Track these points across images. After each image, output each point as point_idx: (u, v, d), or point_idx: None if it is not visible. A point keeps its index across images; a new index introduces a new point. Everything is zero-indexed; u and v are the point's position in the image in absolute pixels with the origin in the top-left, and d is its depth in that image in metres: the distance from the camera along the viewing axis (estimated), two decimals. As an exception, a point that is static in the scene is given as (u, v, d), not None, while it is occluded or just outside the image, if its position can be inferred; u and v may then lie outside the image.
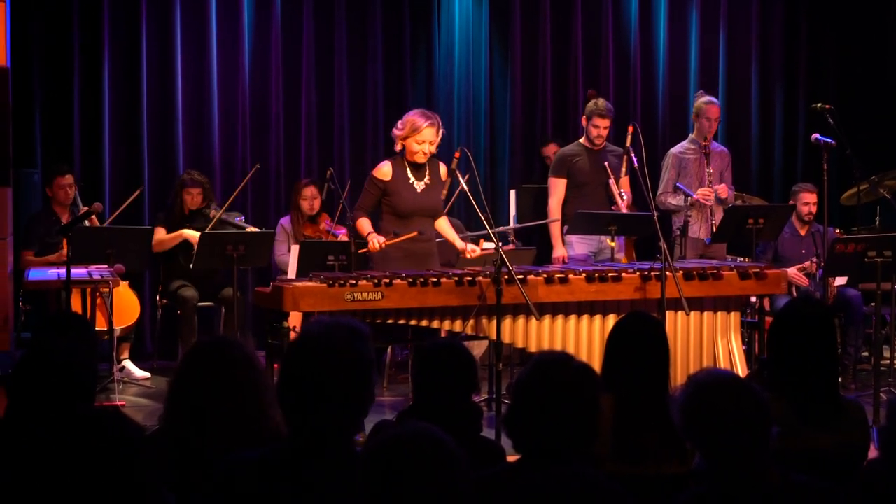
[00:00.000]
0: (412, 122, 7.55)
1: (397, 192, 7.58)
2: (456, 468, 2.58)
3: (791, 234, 9.50)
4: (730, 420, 3.18)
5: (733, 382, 3.28)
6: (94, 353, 3.56)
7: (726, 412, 3.18)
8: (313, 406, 3.01)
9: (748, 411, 3.20)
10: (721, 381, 3.28)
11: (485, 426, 4.41)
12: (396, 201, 7.59)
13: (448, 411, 4.12)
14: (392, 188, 7.59)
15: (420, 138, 7.52)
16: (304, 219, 9.64)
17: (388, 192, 7.60)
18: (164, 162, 10.31)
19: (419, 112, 7.67)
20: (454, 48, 11.08)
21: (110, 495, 2.71)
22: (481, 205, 7.13)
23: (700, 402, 3.23)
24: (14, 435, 3.49)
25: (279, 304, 6.77)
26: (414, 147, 7.55)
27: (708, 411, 3.20)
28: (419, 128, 7.52)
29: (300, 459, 3.02)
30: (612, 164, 9.03)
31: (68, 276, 7.52)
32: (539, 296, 7.04)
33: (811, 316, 4.22)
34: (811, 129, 9.60)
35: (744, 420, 3.18)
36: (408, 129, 7.55)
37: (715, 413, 3.19)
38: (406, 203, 7.59)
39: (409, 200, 7.59)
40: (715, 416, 3.19)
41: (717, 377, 3.30)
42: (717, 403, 3.20)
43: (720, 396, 3.21)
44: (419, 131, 7.51)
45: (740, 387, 3.26)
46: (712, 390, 3.24)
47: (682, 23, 11.61)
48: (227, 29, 10.47)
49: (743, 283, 7.47)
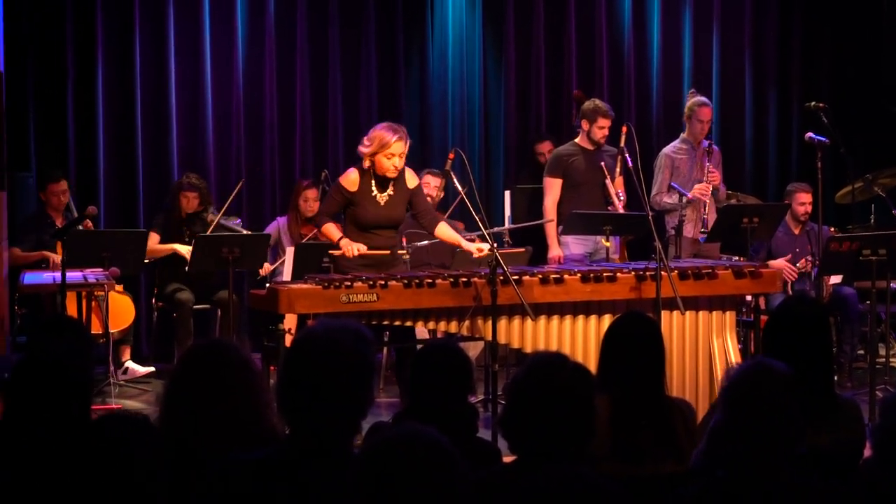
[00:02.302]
0: (380, 137, 7.31)
1: (360, 203, 7.44)
2: (452, 470, 2.58)
3: (785, 233, 9.50)
4: (767, 412, 3.20)
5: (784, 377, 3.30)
6: (89, 357, 3.56)
7: (768, 405, 3.21)
8: (313, 407, 3.01)
9: (789, 409, 3.21)
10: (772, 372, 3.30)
11: (481, 427, 4.42)
12: (359, 213, 7.45)
13: (444, 412, 4.12)
14: (356, 199, 7.44)
15: (390, 152, 7.29)
16: (302, 219, 9.65)
17: (352, 202, 7.46)
18: (159, 165, 10.30)
19: (385, 126, 7.41)
20: (448, 50, 11.08)
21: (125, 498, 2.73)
22: (476, 206, 7.12)
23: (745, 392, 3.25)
24: (12, 438, 3.49)
25: (275, 306, 6.76)
26: (384, 163, 7.32)
27: (752, 401, 3.22)
28: (388, 143, 7.28)
29: (298, 461, 3.02)
30: (608, 164, 9.03)
31: (63, 280, 7.51)
32: (534, 296, 7.03)
33: (806, 314, 4.23)
34: (805, 128, 9.62)
35: (781, 414, 3.20)
36: (376, 145, 7.31)
37: (759, 402, 3.21)
38: (368, 215, 7.44)
39: (371, 213, 7.44)
40: (758, 405, 3.21)
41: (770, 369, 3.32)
42: (761, 394, 3.22)
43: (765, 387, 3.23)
44: (388, 146, 7.28)
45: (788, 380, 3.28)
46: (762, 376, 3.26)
47: (675, 22, 11.62)
48: (220, 31, 10.47)
49: (738, 282, 7.46)
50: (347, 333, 3.08)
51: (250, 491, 2.99)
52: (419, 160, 9.77)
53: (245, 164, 10.53)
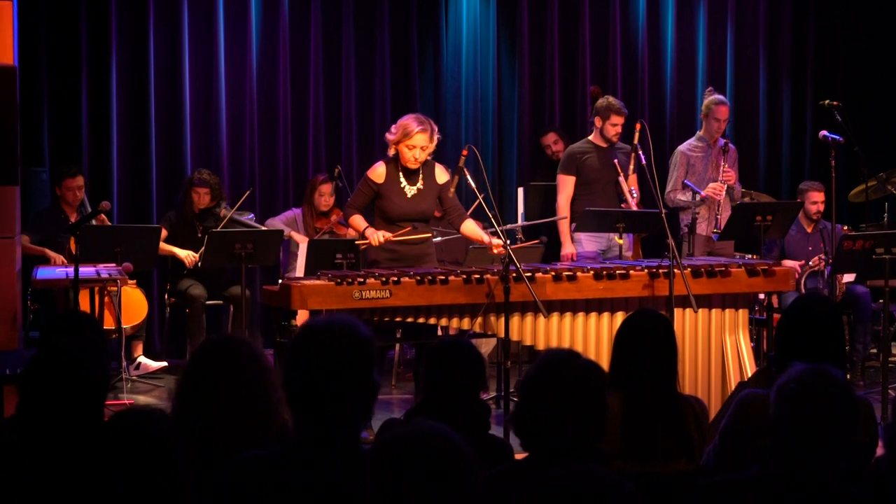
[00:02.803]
0: (404, 126, 7.40)
1: (388, 196, 7.49)
2: (465, 466, 2.58)
3: (798, 232, 9.49)
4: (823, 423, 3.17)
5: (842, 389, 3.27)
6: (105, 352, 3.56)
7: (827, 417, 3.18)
8: (316, 401, 3.02)
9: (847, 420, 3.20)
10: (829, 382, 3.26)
11: (493, 424, 4.42)
12: (386, 205, 7.50)
13: (456, 409, 4.12)
14: (383, 191, 7.49)
15: (411, 143, 7.37)
16: (317, 213, 9.66)
17: (380, 194, 7.51)
18: (172, 160, 10.32)
19: (413, 117, 7.51)
20: (462, 46, 11.08)
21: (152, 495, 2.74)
22: (490, 203, 7.13)
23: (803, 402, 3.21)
24: (27, 432, 3.50)
25: (287, 302, 6.77)
26: (405, 153, 7.41)
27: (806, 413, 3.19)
28: (410, 133, 7.36)
29: (308, 457, 3.02)
30: (621, 161, 9.01)
31: (76, 275, 7.52)
32: (547, 293, 7.03)
33: (819, 313, 4.22)
34: (819, 126, 9.62)
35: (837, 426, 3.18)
36: (399, 133, 7.40)
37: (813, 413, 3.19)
38: (395, 208, 7.49)
39: (398, 205, 7.49)
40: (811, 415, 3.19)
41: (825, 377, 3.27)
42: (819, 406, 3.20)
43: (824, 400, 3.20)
44: (410, 136, 7.36)
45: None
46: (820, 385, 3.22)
47: (689, 20, 11.61)
48: (235, 27, 10.48)
49: (751, 280, 7.45)
50: (344, 328, 3.08)
51: (262, 488, 3.00)
52: (433, 156, 9.77)
53: (259, 160, 10.54)
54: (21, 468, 3.38)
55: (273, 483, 2.99)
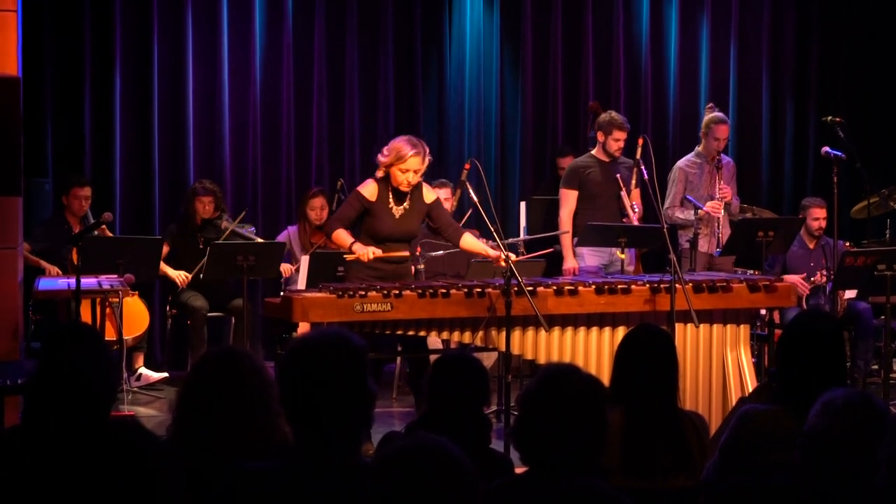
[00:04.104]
0: (397, 150, 7.32)
1: (377, 215, 7.43)
2: (465, 480, 2.58)
3: (800, 247, 9.48)
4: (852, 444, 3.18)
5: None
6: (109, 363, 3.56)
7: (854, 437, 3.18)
8: (313, 413, 3.02)
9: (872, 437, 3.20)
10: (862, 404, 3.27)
11: (493, 438, 4.42)
12: (375, 224, 7.45)
13: (458, 423, 4.12)
14: (374, 210, 7.44)
15: (404, 167, 7.30)
16: (312, 228, 9.66)
17: (370, 212, 7.45)
18: (175, 173, 10.32)
19: (405, 139, 7.41)
20: (465, 60, 11.09)
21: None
22: (491, 217, 7.13)
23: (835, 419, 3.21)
24: (31, 442, 3.49)
25: (288, 314, 6.78)
26: (398, 175, 7.33)
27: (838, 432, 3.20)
28: (404, 157, 7.29)
29: (308, 469, 3.02)
30: (624, 176, 9.01)
31: (78, 286, 7.52)
32: (548, 307, 7.03)
33: (820, 329, 4.22)
34: (822, 142, 9.61)
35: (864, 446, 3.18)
36: (392, 156, 7.32)
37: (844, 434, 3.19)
38: (384, 227, 7.43)
39: (387, 225, 7.44)
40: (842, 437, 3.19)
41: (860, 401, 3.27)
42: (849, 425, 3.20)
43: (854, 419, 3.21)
44: (404, 160, 7.29)
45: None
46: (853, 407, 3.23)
47: (693, 35, 11.61)
48: (238, 40, 10.49)
49: (752, 295, 7.45)
50: (333, 339, 3.09)
51: (262, 499, 3.00)
52: (435, 171, 9.77)
53: (261, 173, 10.55)
54: (21, 478, 3.38)
55: (273, 496, 2.99)
